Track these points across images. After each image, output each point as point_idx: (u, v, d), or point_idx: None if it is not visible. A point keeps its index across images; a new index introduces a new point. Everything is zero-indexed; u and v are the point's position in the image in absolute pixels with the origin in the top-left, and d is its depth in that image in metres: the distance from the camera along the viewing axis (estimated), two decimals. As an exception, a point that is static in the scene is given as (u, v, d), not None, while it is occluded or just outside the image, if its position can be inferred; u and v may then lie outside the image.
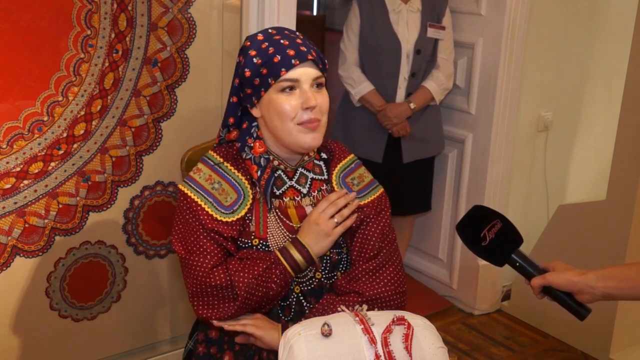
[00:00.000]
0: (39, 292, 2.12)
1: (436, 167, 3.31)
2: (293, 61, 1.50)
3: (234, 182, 1.60)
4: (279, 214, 1.61)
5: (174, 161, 2.21)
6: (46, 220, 2.08)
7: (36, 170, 2.02)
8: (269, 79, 1.51)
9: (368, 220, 1.66)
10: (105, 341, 2.30)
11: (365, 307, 1.42)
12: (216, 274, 1.54)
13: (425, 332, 1.38)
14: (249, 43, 1.57)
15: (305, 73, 1.52)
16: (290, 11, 2.28)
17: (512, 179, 3.22)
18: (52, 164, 2.05)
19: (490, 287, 3.25)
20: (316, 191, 1.65)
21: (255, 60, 1.52)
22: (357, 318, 1.37)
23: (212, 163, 1.62)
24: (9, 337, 2.10)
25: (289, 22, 2.27)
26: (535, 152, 3.29)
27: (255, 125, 1.62)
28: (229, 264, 1.56)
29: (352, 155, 1.73)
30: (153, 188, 2.26)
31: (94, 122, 2.09)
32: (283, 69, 1.50)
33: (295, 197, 1.62)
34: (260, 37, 1.56)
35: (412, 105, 2.94)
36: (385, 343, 1.32)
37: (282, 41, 1.53)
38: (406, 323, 1.36)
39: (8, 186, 1.99)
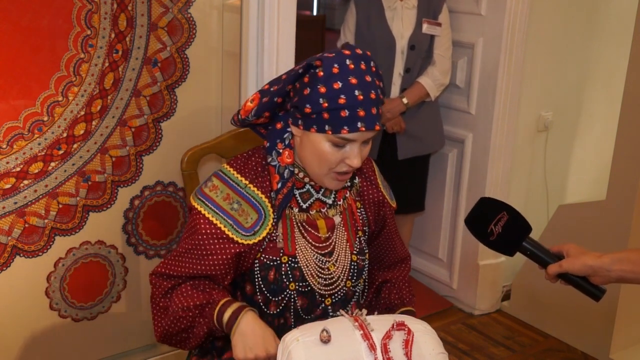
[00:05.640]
0: (39, 292, 2.12)
1: (436, 167, 3.31)
2: (359, 125, 1.40)
3: (254, 201, 1.53)
4: (306, 226, 1.57)
5: (174, 161, 2.21)
6: (46, 220, 2.08)
7: (36, 170, 2.02)
8: (327, 127, 1.42)
9: (391, 225, 1.74)
10: (105, 341, 2.30)
11: (365, 311, 1.41)
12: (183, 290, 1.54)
13: (425, 337, 1.37)
14: (321, 73, 1.41)
15: (362, 136, 1.44)
16: (290, 11, 2.28)
17: (512, 179, 3.21)
18: (52, 164, 2.05)
19: (490, 287, 3.25)
20: (341, 200, 1.62)
21: (321, 101, 1.40)
22: (356, 323, 1.35)
23: (230, 181, 1.54)
24: (9, 337, 2.10)
25: (289, 22, 2.27)
26: (535, 152, 3.29)
27: (290, 131, 1.52)
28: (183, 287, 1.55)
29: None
30: (153, 188, 2.26)
31: (94, 122, 2.09)
32: (346, 129, 1.41)
33: (322, 209, 1.59)
34: (335, 69, 1.41)
35: (405, 101, 2.95)
36: (385, 349, 1.30)
37: (356, 92, 1.40)
38: (406, 328, 1.35)
39: (8, 186, 1.99)
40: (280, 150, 1.51)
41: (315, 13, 8.39)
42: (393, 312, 1.71)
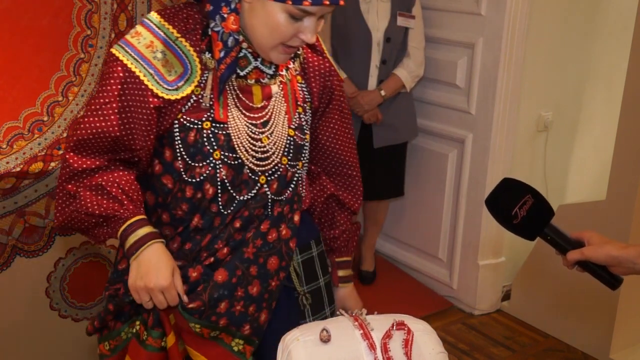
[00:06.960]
0: (39, 292, 2.12)
1: (436, 167, 3.32)
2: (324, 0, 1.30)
3: (182, 55, 1.38)
4: (239, 93, 1.42)
5: (174, 161, 2.21)
6: (46, 220, 2.08)
7: (36, 170, 2.03)
8: None
9: (339, 100, 1.60)
10: (105, 341, 2.30)
11: (364, 311, 1.41)
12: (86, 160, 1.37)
13: (425, 337, 1.37)
14: None
15: (322, 9, 1.34)
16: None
17: (512, 179, 3.22)
18: (52, 164, 2.05)
19: (490, 287, 3.25)
20: (284, 70, 1.48)
21: None
22: (356, 323, 1.36)
23: (157, 29, 1.38)
24: (9, 337, 2.10)
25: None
26: (535, 152, 3.29)
27: None
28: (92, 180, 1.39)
29: None
30: (153, 188, 2.26)
31: (94, 122, 2.09)
32: (309, 0, 1.30)
33: (261, 80, 1.44)
34: None
35: (382, 93, 3.08)
36: (385, 349, 1.31)
37: None
38: (406, 328, 1.36)
39: (8, 186, 1.99)
40: (225, 15, 1.35)
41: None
42: (334, 257, 1.70)
